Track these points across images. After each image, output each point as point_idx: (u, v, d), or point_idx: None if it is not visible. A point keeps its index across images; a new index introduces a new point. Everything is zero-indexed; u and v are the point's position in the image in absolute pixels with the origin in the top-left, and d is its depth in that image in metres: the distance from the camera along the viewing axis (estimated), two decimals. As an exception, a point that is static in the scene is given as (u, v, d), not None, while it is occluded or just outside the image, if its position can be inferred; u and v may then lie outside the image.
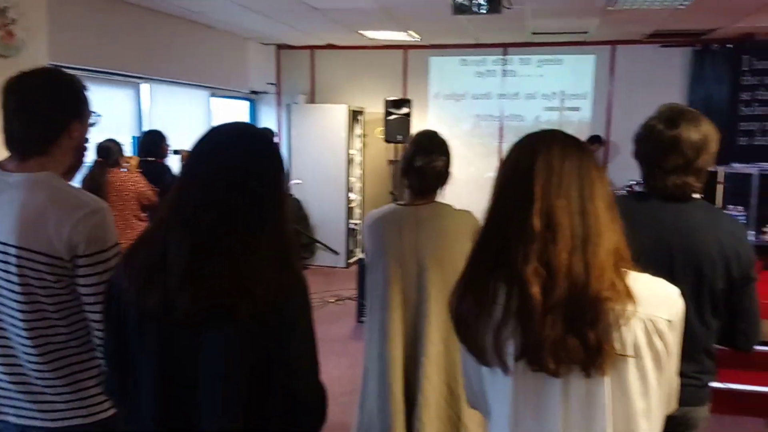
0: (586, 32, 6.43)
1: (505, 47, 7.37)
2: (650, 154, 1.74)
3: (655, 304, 1.07)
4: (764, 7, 5.00)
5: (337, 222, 7.30)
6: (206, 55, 6.46)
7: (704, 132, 1.69)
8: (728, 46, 6.77)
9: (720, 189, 4.47)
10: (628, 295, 1.04)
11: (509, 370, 1.09)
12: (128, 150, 5.50)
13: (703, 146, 1.69)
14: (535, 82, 7.42)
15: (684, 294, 1.66)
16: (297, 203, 7.25)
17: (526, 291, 1.03)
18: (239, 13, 5.64)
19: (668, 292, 1.13)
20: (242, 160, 1.23)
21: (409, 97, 7.36)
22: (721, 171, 4.42)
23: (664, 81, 7.06)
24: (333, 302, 5.88)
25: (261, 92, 7.77)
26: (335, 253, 7.32)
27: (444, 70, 7.62)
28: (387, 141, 7.15)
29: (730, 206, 4.34)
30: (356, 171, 7.67)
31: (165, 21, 5.77)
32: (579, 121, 7.31)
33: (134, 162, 4.26)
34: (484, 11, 3.63)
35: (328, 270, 7.20)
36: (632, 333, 1.04)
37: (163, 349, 1.18)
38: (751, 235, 4.17)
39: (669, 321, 1.08)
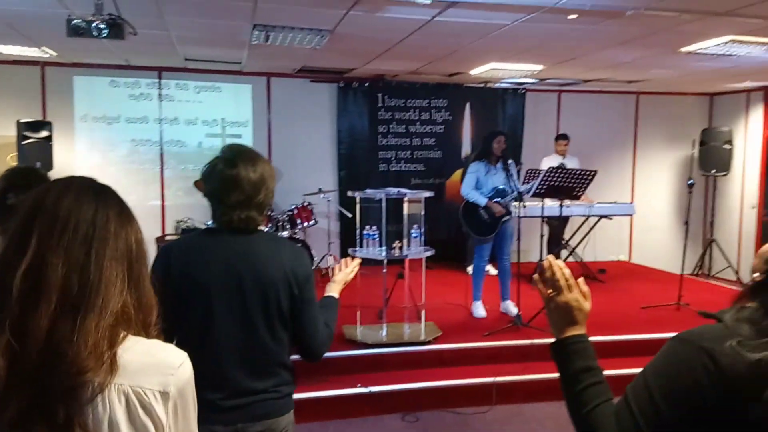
0: (240, 62, 6.59)
1: (159, 71, 7.10)
2: (215, 191, 1.87)
3: (145, 374, 0.99)
4: (384, 53, 5.83)
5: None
6: None
7: (261, 171, 1.87)
8: (366, 84, 7.72)
9: (358, 210, 5.00)
10: (112, 365, 0.95)
11: None
12: None
13: (261, 184, 1.87)
14: (194, 107, 7.31)
15: (257, 315, 1.84)
16: None
17: None
18: None
19: (165, 360, 1.04)
20: None
21: (49, 119, 6.51)
22: (358, 195, 4.95)
23: (316, 112, 7.69)
24: None
25: None
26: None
27: (92, 90, 6.96)
28: (22, 169, 6.18)
29: (367, 226, 4.87)
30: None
31: None
32: (241, 148, 7.44)
33: None
34: (105, 36, 3.37)
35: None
36: (109, 408, 0.95)
37: None
38: (381, 251, 4.76)
39: (162, 392, 1.00)
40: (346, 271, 2.24)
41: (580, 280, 1.32)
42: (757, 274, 1.34)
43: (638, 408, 1.09)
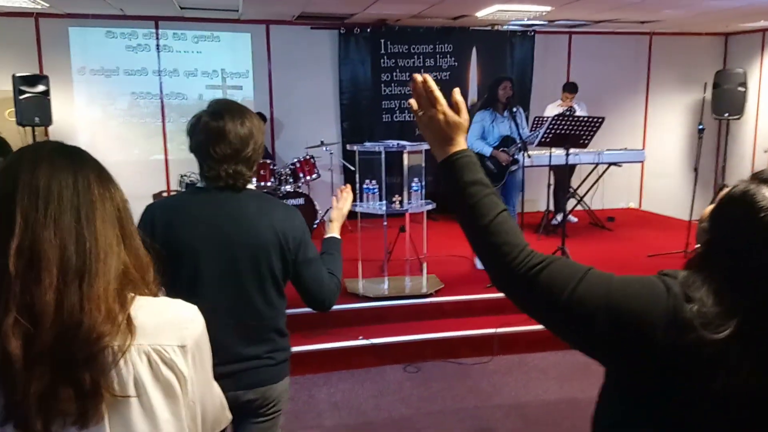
0: (237, 10, 6.39)
1: (156, 20, 6.91)
2: (200, 144, 1.80)
3: (161, 331, 1.02)
4: (384, -2, 5.60)
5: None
6: None
7: (248, 125, 1.82)
8: (368, 30, 7.48)
9: (357, 164, 4.91)
10: (129, 327, 0.97)
11: None
12: None
13: (249, 138, 1.80)
14: (193, 58, 7.15)
15: (248, 278, 1.80)
16: None
17: (5, 347, 0.89)
18: None
19: (179, 314, 1.07)
20: None
21: (45, 72, 6.40)
22: (357, 149, 4.86)
23: (317, 61, 7.50)
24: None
25: None
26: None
27: (88, 42, 6.81)
28: (21, 125, 6.12)
29: (366, 180, 4.80)
30: (-14, 161, 6.42)
31: None
32: (242, 100, 7.31)
33: None
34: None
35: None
36: (133, 369, 0.98)
37: None
38: (381, 205, 4.70)
39: (181, 346, 1.03)
40: (338, 206, 2.24)
41: (455, 90, 1.22)
42: (697, 246, 1.25)
43: (586, 286, 1.01)
